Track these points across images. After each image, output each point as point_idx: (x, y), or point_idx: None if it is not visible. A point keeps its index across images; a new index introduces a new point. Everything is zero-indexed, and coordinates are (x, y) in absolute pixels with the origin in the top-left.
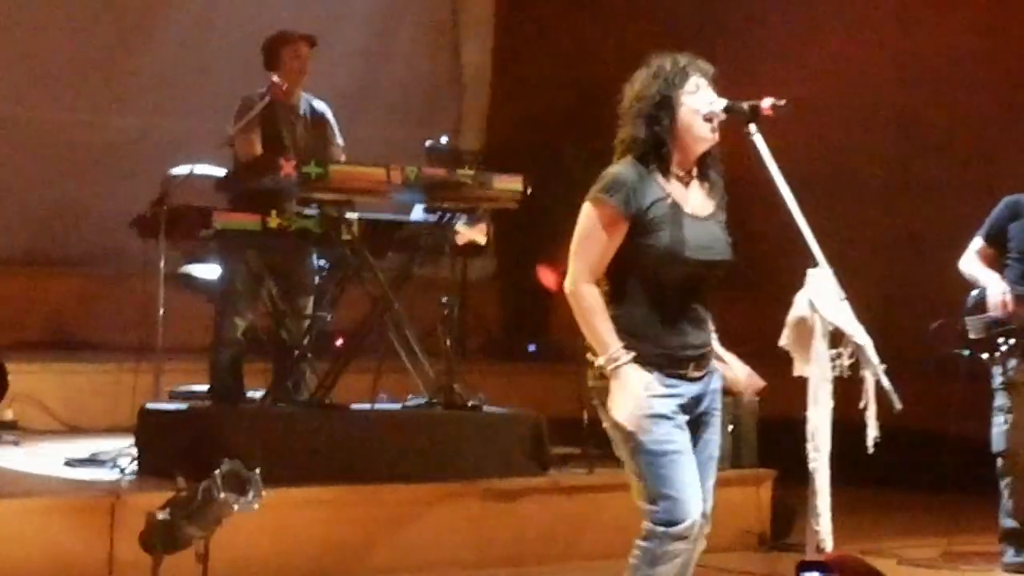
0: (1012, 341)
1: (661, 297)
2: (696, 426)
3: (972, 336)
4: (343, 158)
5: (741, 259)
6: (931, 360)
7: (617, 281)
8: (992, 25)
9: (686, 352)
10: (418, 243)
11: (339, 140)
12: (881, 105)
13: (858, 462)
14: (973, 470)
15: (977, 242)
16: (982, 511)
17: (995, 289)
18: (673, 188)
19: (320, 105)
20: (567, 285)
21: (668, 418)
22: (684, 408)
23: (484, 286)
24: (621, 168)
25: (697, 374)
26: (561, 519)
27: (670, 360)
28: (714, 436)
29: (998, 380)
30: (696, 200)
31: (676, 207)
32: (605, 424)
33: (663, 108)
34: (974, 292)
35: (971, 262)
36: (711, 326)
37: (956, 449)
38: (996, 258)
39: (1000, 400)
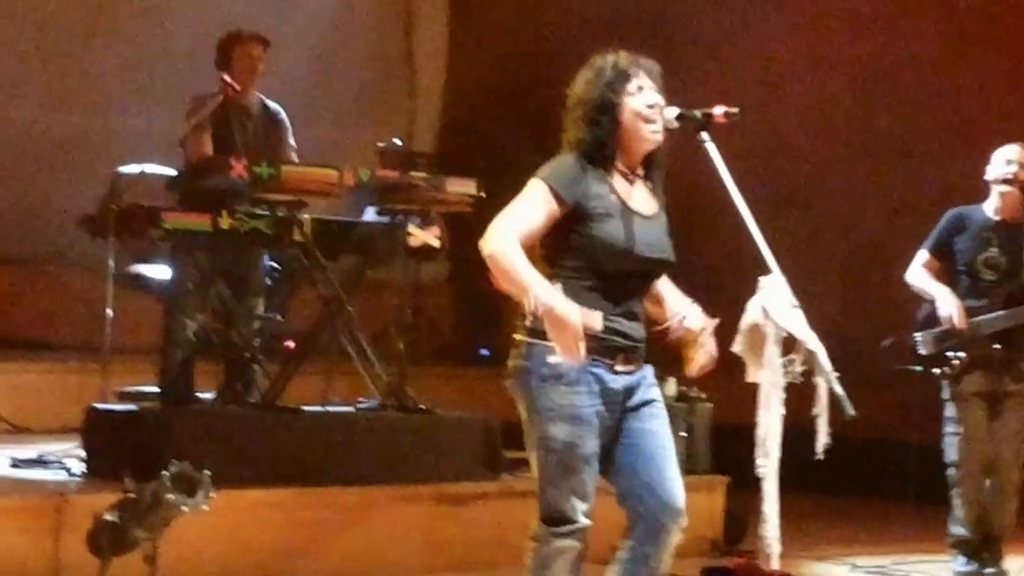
0: (962, 355)
1: (601, 285)
2: (634, 417)
3: (923, 352)
4: (295, 160)
5: (695, 264)
6: (887, 368)
7: (558, 266)
8: (949, 33)
9: (616, 340)
10: (371, 245)
11: (292, 142)
12: (836, 113)
13: (815, 469)
14: (929, 477)
15: (923, 255)
16: (936, 518)
17: (946, 303)
18: (618, 185)
19: (274, 106)
20: (489, 243)
21: (585, 421)
22: (607, 407)
23: (437, 289)
24: (568, 157)
25: (623, 368)
26: (513, 524)
27: (600, 346)
28: (661, 428)
29: (947, 392)
30: (640, 199)
31: (622, 203)
32: (520, 409)
33: (604, 111)
34: (924, 307)
35: (919, 274)
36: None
37: (912, 457)
38: (942, 271)
39: (950, 412)
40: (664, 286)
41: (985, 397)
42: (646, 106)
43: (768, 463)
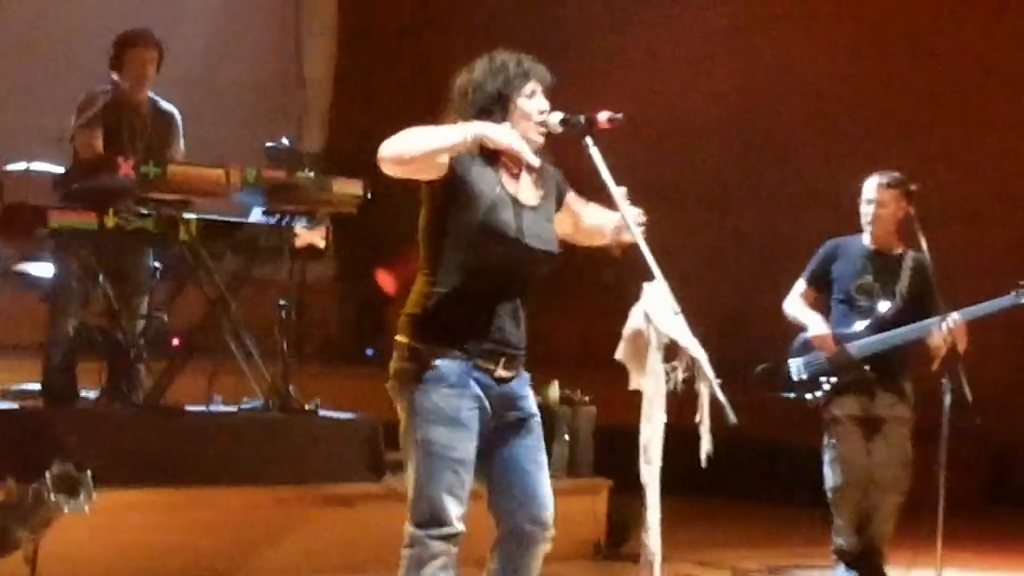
0: (834, 380)
1: (484, 283)
2: (512, 432)
3: (795, 378)
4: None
5: (579, 269)
6: (761, 395)
7: (439, 260)
8: (829, 36)
9: (499, 347)
10: (256, 245)
11: (181, 147)
12: (720, 116)
13: (699, 472)
14: (815, 481)
15: (800, 285)
16: (822, 523)
17: (817, 329)
18: (504, 177)
19: (167, 107)
20: (384, 147)
21: (463, 426)
22: (486, 412)
23: (323, 289)
24: None
25: (505, 374)
26: (395, 526)
27: (480, 351)
28: (537, 443)
29: (824, 418)
30: (525, 191)
31: (510, 195)
32: (400, 414)
33: (498, 105)
34: (800, 335)
35: (795, 304)
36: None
37: (798, 460)
38: (819, 300)
39: (826, 438)
40: (589, 212)
41: (860, 422)
42: (537, 111)
43: (651, 470)
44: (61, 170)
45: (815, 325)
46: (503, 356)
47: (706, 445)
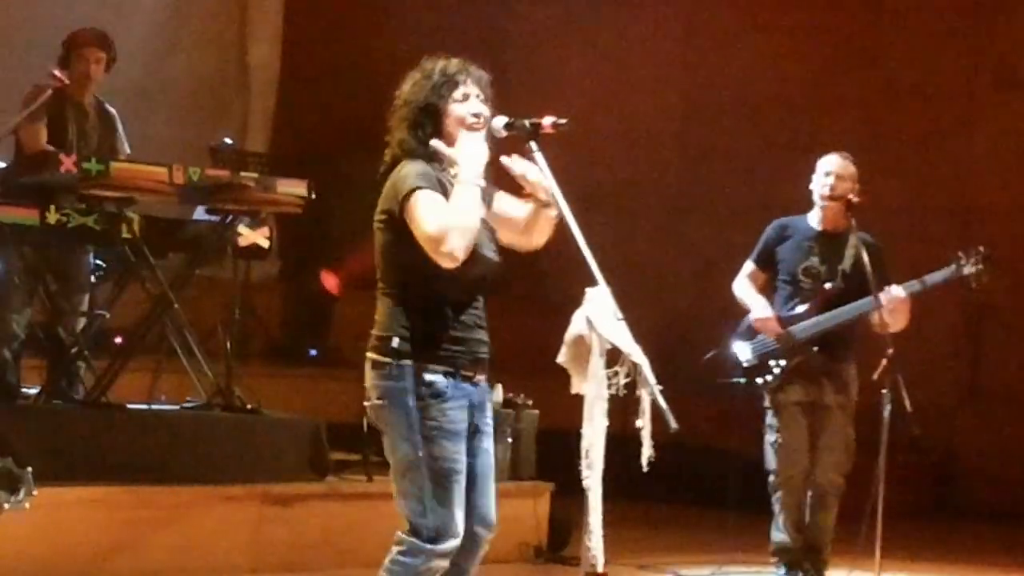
0: (782, 363)
1: (455, 298)
2: (475, 436)
3: (744, 363)
4: None
5: (521, 274)
6: (710, 382)
7: (405, 279)
8: (777, 47)
9: (476, 354)
10: (200, 244)
11: (126, 148)
12: (665, 129)
13: (641, 476)
14: (758, 486)
15: (748, 266)
16: (760, 528)
17: (760, 312)
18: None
19: (110, 109)
20: (437, 242)
21: (459, 436)
22: (472, 420)
23: (266, 289)
24: (414, 164)
25: (481, 377)
26: (338, 526)
27: (463, 361)
28: (491, 446)
29: (768, 400)
30: None
31: None
32: (380, 426)
33: (428, 115)
34: (746, 319)
35: (743, 286)
36: None
37: (741, 466)
38: (768, 281)
39: (769, 419)
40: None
41: (805, 407)
42: (471, 115)
43: (592, 475)
44: (2, 165)
45: (758, 308)
46: (480, 362)
47: (647, 450)
